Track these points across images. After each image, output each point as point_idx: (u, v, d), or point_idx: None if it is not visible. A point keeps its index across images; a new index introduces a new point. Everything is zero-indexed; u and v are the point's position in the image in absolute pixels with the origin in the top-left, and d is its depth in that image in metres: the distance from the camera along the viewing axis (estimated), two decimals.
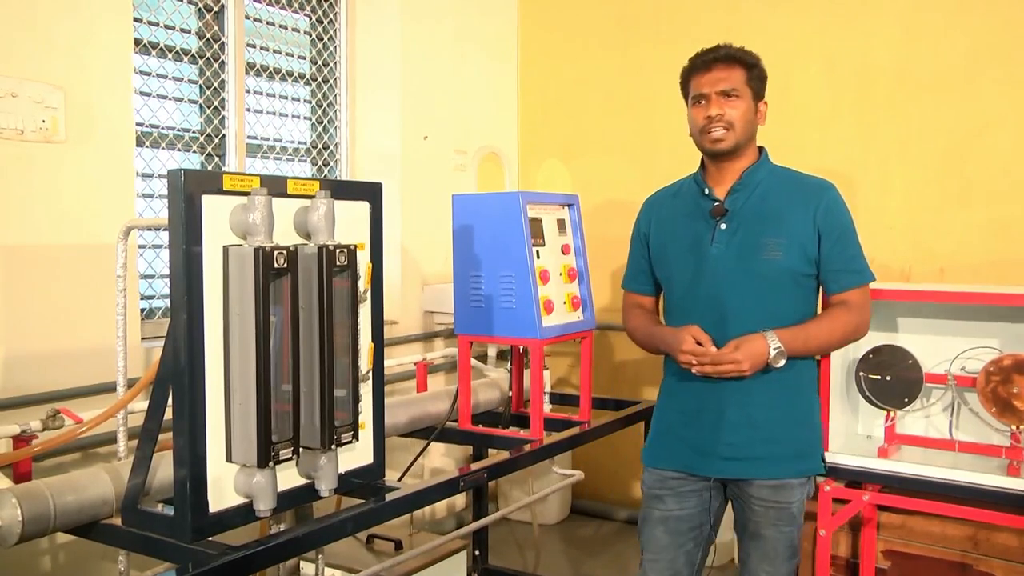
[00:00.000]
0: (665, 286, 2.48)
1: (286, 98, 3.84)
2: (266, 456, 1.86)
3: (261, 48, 3.71)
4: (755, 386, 2.28)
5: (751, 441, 2.31)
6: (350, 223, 2.11)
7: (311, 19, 3.96)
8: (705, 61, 2.33)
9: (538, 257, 2.90)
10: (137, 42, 3.12)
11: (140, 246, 3.14)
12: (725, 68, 2.30)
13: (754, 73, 2.34)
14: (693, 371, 2.25)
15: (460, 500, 4.37)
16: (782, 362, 2.22)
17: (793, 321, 2.29)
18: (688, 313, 2.34)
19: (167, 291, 3.16)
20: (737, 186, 2.34)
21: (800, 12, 3.95)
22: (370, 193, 2.20)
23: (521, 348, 3.19)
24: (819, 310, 2.42)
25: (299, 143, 3.92)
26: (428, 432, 2.99)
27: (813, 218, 2.30)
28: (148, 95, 3.22)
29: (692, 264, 2.36)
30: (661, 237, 2.47)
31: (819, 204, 2.31)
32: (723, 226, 2.32)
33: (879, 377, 2.86)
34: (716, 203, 2.35)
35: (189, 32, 3.38)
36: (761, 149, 2.42)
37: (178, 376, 1.82)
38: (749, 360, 2.20)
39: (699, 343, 2.25)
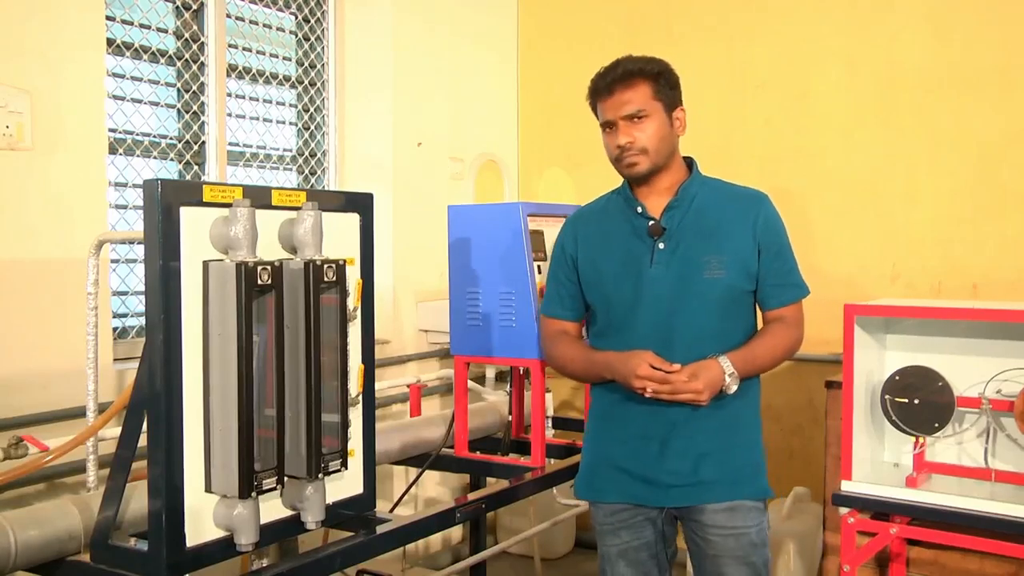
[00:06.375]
0: (598, 309, 2.45)
1: (270, 102, 3.85)
2: (248, 486, 1.86)
3: (244, 49, 3.72)
4: (702, 410, 2.29)
5: (698, 467, 2.31)
6: (339, 236, 2.12)
7: (297, 18, 3.98)
8: (605, 84, 2.32)
9: (540, 272, 2.91)
10: (110, 42, 3.13)
11: (113, 261, 3.14)
12: (627, 88, 2.29)
13: (661, 83, 2.32)
14: (648, 395, 2.23)
15: (456, 532, 4.35)
16: (735, 387, 2.24)
17: (738, 340, 2.32)
18: (629, 338, 2.32)
19: (142, 309, 3.17)
20: (673, 203, 2.35)
21: (819, 10, 3.97)
22: (360, 204, 2.21)
23: (521, 369, 3.19)
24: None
25: (284, 151, 3.93)
26: (422, 459, 2.99)
27: (752, 232, 2.32)
28: (122, 99, 3.23)
29: (631, 286, 2.34)
30: (592, 257, 2.44)
31: (757, 217, 2.33)
32: (661, 245, 2.32)
33: (907, 401, 2.86)
34: (652, 221, 2.35)
35: (166, 31, 3.39)
36: (690, 161, 2.44)
37: (154, 400, 1.82)
38: (709, 389, 2.21)
39: (656, 368, 2.22)
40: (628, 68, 2.31)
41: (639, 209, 2.37)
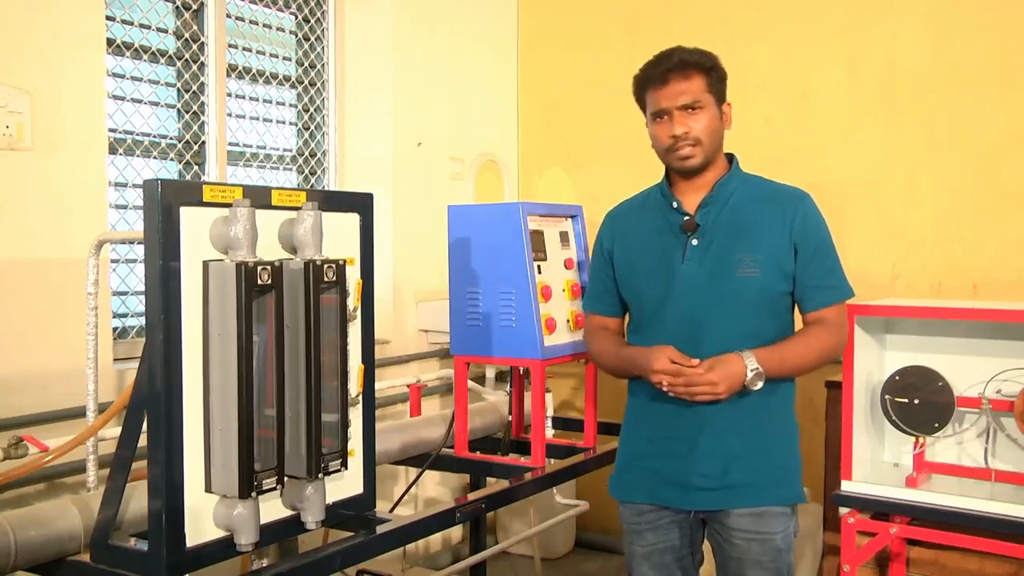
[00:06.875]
0: (633, 305, 2.46)
1: (270, 102, 3.85)
2: (248, 486, 1.85)
3: (243, 49, 3.72)
4: (731, 411, 2.26)
5: (727, 470, 2.29)
6: (339, 236, 2.12)
7: (297, 18, 3.98)
8: (660, 72, 2.30)
9: (539, 272, 2.91)
10: (110, 42, 3.13)
11: (113, 261, 3.14)
12: (683, 78, 2.28)
13: (714, 76, 2.32)
14: (665, 389, 2.23)
15: (456, 532, 4.35)
16: (760, 384, 2.20)
17: (771, 340, 2.28)
18: (659, 334, 2.32)
19: (142, 309, 3.17)
20: (708, 199, 2.33)
21: (819, 10, 3.97)
22: (360, 204, 2.21)
23: (521, 369, 3.19)
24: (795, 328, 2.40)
25: (284, 151, 3.93)
26: (422, 459, 2.99)
27: (789, 231, 2.29)
28: (122, 99, 3.23)
29: (662, 282, 2.34)
30: (627, 253, 2.45)
31: (795, 216, 2.30)
32: (695, 242, 2.31)
33: (907, 401, 2.86)
34: (686, 217, 2.34)
35: (166, 31, 3.39)
36: (731, 157, 2.42)
37: (154, 400, 1.82)
38: (725, 382, 2.17)
39: (675, 362, 2.22)
40: (684, 58, 2.29)
41: (674, 204, 2.36)
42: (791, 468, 2.38)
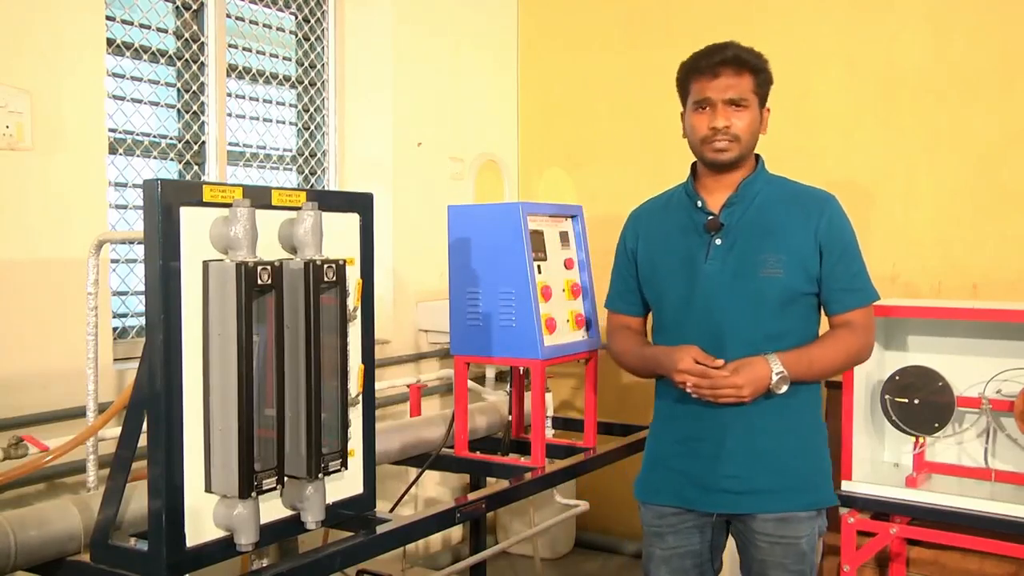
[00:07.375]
0: (655, 305, 2.47)
1: (270, 102, 3.85)
2: (248, 486, 1.85)
3: (244, 49, 3.72)
4: (758, 412, 2.26)
5: (754, 472, 2.28)
6: (339, 236, 2.12)
7: (297, 18, 3.98)
8: (712, 64, 2.29)
9: (539, 272, 2.91)
10: (110, 42, 3.13)
11: (113, 261, 3.14)
12: (734, 74, 2.28)
13: (762, 79, 2.32)
14: (688, 390, 2.23)
15: (456, 532, 4.35)
16: (784, 388, 2.20)
17: (794, 342, 2.28)
18: (681, 335, 2.32)
19: (142, 309, 3.17)
20: (733, 198, 2.33)
21: (820, 10, 3.97)
22: (360, 204, 2.21)
23: (521, 369, 3.19)
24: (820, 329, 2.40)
25: (284, 151, 3.93)
26: (422, 459, 2.99)
27: (815, 233, 2.29)
28: (122, 99, 3.23)
29: (685, 282, 2.34)
30: (650, 253, 2.45)
31: (820, 218, 2.30)
32: (718, 241, 2.31)
33: (907, 401, 2.86)
34: (710, 216, 2.34)
35: (166, 31, 3.39)
36: (757, 157, 2.41)
37: (154, 400, 1.82)
38: (750, 386, 2.18)
39: (699, 363, 2.22)
40: (738, 54, 2.29)
41: (699, 204, 2.36)
42: (818, 471, 2.36)
